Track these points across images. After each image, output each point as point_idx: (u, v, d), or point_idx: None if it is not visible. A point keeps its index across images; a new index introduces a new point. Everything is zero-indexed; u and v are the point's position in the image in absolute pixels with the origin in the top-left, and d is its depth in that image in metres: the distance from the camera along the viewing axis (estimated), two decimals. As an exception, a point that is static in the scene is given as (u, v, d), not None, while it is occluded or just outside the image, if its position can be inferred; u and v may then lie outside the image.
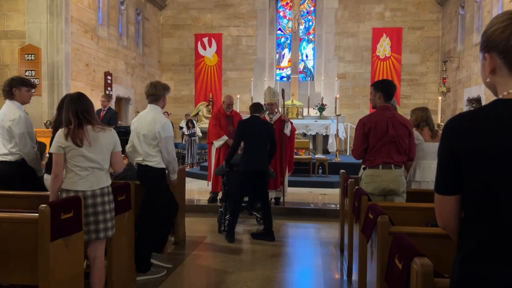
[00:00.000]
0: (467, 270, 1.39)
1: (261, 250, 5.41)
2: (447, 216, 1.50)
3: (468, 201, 1.43)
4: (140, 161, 4.34)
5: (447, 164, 1.46)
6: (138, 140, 4.34)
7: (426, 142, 4.73)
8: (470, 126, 1.40)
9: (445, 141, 1.46)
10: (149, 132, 4.27)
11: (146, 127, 4.29)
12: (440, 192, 1.50)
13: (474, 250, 1.39)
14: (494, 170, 1.34)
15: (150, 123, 4.28)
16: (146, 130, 4.28)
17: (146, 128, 4.28)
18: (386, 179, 4.08)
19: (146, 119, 4.34)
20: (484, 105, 1.45)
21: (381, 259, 2.60)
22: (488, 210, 1.37)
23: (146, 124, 4.30)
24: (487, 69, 1.45)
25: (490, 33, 1.42)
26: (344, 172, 5.42)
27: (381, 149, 4.10)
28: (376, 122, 4.13)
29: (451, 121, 1.48)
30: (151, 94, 4.42)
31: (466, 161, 1.40)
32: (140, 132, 4.30)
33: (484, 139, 1.36)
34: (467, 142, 1.39)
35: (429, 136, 4.77)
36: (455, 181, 1.44)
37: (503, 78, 1.42)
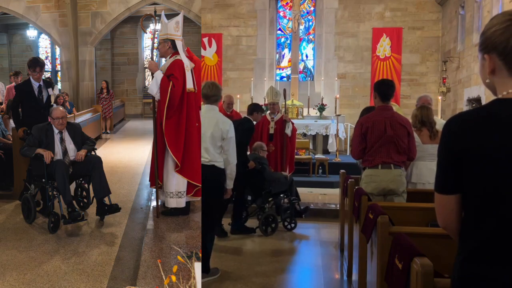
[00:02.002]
0: (467, 270, 1.40)
1: (261, 250, 5.42)
2: (447, 216, 1.51)
3: (468, 200, 1.44)
4: (205, 160, 4.23)
5: (447, 163, 1.46)
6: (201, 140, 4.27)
7: (424, 143, 4.58)
8: (469, 126, 1.41)
9: (444, 141, 1.46)
10: (216, 132, 4.24)
11: (213, 127, 4.24)
12: (440, 192, 1.50)
13: (475, 250, 1.39)
14: (493, 170, 1.35)
15: (217, 123, 4.26)
16: (213, 130, 4.23)
17: (213, 128, 4.24)
18: (386, 179, 4.08)
19: (212, 119, 4.30)
20: (484, 105, 1.46)
21: (381, 259, 2.60)
22: (488, 209, 1.37)
23: (212, 125, 4.25)
24: (486, 70, 1.45)
25: (489, 34, 1.42)
26: (344, 172, 5.42)
27: (380, 149, 4.10)
28: (373, 122, 4.13)
29: (450, 121, 1.48)
30: (212, 95, 4.38)
31: (466, 161, 1.40)
32: (207, 133, 4.23)
33: (483, 139, 1.37)
34: (467, 142, 1.39)
35: (428, 136, 4.61)
36: (455, 180, 1.45)
37: (502, 79, 1.42)
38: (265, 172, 6.11)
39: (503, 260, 1.33)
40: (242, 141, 5.41)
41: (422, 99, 5.44)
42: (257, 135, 6.92)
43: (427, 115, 4.66)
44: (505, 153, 1.33)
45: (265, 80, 13.61)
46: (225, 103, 7.41)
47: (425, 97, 5.52)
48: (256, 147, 6.46)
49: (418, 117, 4.67)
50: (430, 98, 5.60)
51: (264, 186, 6.05)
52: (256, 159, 6.13)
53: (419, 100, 5.44)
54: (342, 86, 13.40)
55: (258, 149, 6.42)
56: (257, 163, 6.00)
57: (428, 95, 5.89)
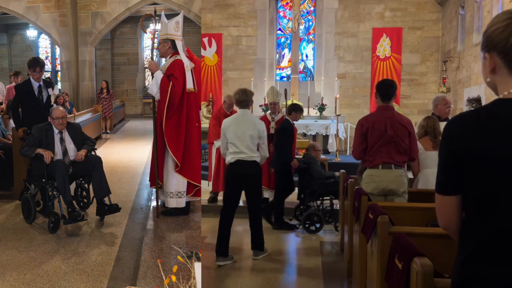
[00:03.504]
0: (468, 271, 1.39)
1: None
2: (448, 216, 1.50)
3: (469, 201, 1.43)
4: (247, 157, 4.88)
5: (447, 164, 1.46)
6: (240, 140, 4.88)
7: (427, 151, 4.52)
8: (470, 127, 1.40)
9: (445, 142, 1.46)
10: (254, 132, 4.91)
11: (251, 128, 4.91)
12: (441, 192, 1.50)
13: (475, 250, 1.39)
14: (494, 170, 1.34)
15: (254, 124, 4.97)
16: (252, 131, 4.90)
17: (252, 129, 4.91)
18: (386, 179, 4.07)
19: (249, 121, 4.98)
20: (485, 105, 1.45)
21: (381, 259, 2.59)
22: (489, 210, 1.37)
23: (250, 126, 4.92)
24: (487, 69, 1.45)
25: (490, 32, 1.42)
26: (344, 172, 5.42)
27: (381, 149, 4.09)
28: (373, 122, 4.12)
29: (451, 121, 1.48)
30: (244, 100, 5.04)
31: (466, 162, 1.40)
32: (246, 133, 4.88)
33: (484, 139, 1.37)
34: (468, 143, 1.39)
35: (431, 146, 4.54)
36: (455, 181, 1.44)
37: (503, 78, 1.42)
38: (313, 171, 6.24)
39: (503, 260, 1.33)
40: (288, 142, 6.32)
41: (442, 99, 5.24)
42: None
43: (433, 125, 4.60)
44: (505, 154, 1.33)
45: (265, 80, 13.61)
46: (225, 103, 7.40)
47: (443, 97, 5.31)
48: (308, 147, 6.89)
49: (425, 127, 4.61)
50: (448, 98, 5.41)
51: (311, 185, 6.22)
52: (307, 159, 6.42)
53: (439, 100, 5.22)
54: (342, 86, 13.40)
55: (311, 149, 6.75)
56: (302, 162, 6.35)
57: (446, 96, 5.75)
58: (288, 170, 6.42)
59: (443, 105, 5.16)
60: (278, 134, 6.36)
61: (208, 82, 14.31)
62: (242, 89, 5.15)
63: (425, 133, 4.62)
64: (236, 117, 5.08)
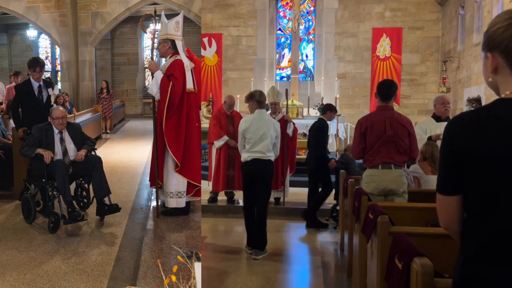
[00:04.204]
0: (468, 271, 1.39)
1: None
2: (449, 216, 1.50)
3: (470, 201, 1.43)
4: (263, 156, 5.07)
5: (448, 164, 1.45)
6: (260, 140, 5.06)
7: (427, 175, 4.62)
8: (470, 127, 1.40)
9: (446, 142, 1.46)
10: (273, 132, 5.15)
11: (271, 128, 5.14)
12: (441, 193, 1.50)
13: (476, 250, 1.39)
14: (494, 171, 1.34)
15: (273, 125, 5.20)
16: (271, 131, 5.14)
17: (272, 129, 5.14)
18: (386, 179, 4.07)
19: (266, 121, 5.20)
20: (486, 105, 1.45)
21: (381, 259, 2.59)
22: (489, 210, 1.37)
23: (270, 127, 5.15)
24: (489, 68, 1.45)
25: (492, 32, 1.42)
26: (344, 172, 5.42)
27: (381, 149, 4.09)
28: (372, 122, 4.12)
29: (451, 122, 1.48)
30: (263, 100, 5.34)
31: (466, 162, 1.40)
32: (267, 133, 5.09)
33: (485, 140, 1.36)
34: (468, 143, 1.39)
35: (430, 170, 4.64)
36: (456, 181, 1.44)
37: (505, 78, 1.42)
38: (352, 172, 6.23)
39: (503, 261, 1.33)
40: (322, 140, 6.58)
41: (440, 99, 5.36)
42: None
43: (431, 151, 4.70)
44: (505, 154, 1.33)
45: (265, 80, 13.61)
46: (226, 104, 7.40)
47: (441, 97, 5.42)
48: (347, 147, 7.07)
49: (423, 153, 4.71)
50: (448, 97, 5.51)
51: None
52: (345, 159, 6.58)
53: (437, 100, 5.38)
54: (342, 86, 13.40)
55: (348, 150, 6.81)
56: (339, 163, 6.58)
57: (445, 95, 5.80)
58: (325, 168, 6.59)
59: (440, 105, 5.27)
60: (315, 132, 6.63)
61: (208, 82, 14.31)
62: (258, 91, 5.41)
63: (423, 158, 4.72)
64: (255, 117, 5.24)
